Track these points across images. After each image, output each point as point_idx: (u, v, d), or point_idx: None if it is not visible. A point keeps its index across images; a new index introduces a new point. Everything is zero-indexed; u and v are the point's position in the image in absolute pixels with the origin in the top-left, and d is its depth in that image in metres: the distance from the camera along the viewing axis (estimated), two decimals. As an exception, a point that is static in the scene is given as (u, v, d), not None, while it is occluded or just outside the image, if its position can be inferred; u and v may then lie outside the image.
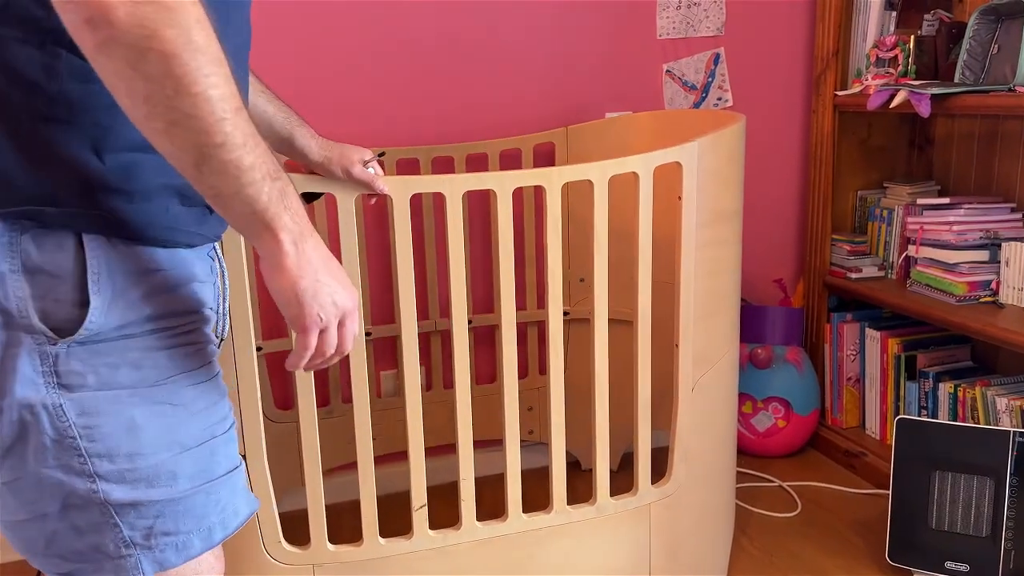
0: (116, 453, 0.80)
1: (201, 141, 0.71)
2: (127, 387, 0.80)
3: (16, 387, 0.77)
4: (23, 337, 0.77)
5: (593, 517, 1.58)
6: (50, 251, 0.77)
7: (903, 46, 2.11)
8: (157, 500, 0.82)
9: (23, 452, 0.79)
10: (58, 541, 0.82)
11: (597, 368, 1.53)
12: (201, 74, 0.68)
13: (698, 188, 1.52)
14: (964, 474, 1.69)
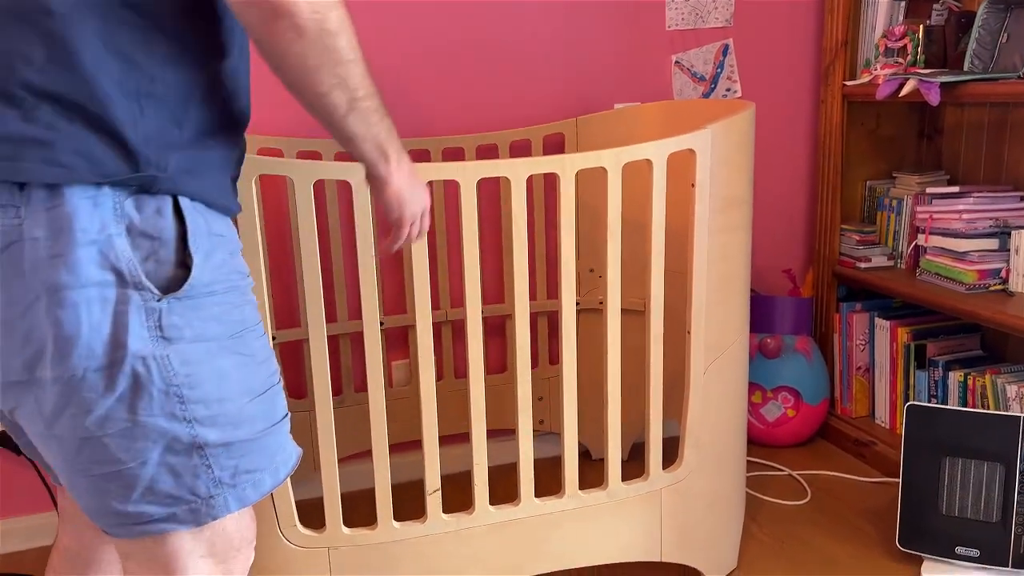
0: (209, 399, 0.89)
1: (352, 96, 0.91)
2: (214, 339, 0.90)
3: (130, 341, 0.84)
4: (132, 294, 0.84)
5: (605, 502, 1.59)
6: (151, 216, 0.85)
7: (912, 36, 2.12)
8: (241, 440, 0.92)
9: (134, 401, 0.86)
10: (155, 487, 0.89)
11: (610, 352, 1.55)
12: (352, 45, 0.88)
13: (710, 175, 1.53)
14: (974, 460, 1.70)
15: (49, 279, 0.81)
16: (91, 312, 0.82)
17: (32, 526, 1.98)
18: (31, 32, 0.80)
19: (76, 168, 0.81)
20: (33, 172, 0.80)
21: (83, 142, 0.81)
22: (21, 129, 0.80)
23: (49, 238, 0.81)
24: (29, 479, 1.97)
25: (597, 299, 2.16)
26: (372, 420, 1.43)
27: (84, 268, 0.82)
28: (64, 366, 0.83)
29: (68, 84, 0.81)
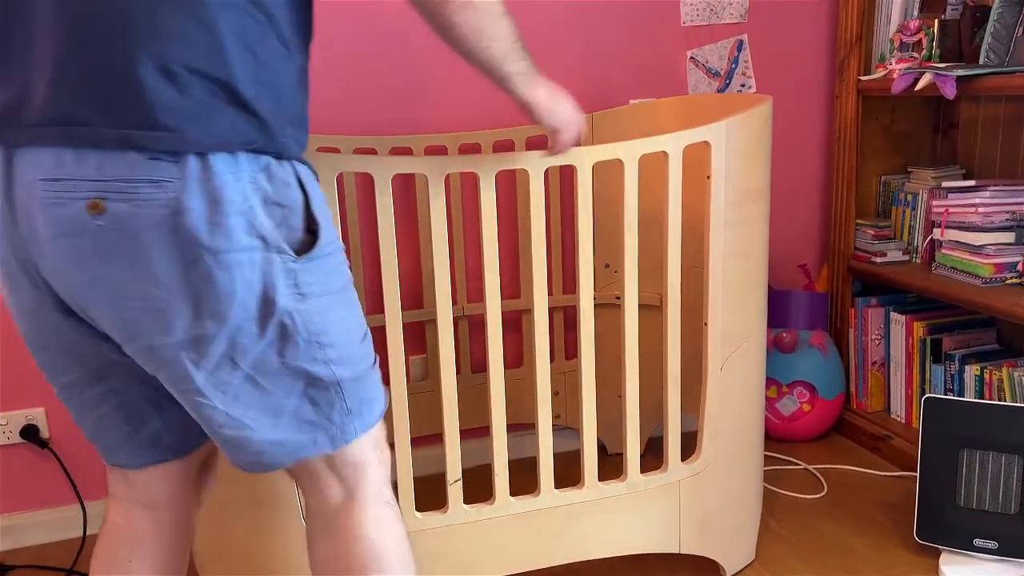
0: (337, 343, 1.03)
1: (509, 46, 1.11)
2: (334, 292, 1.02)
3: (279, 298, 0.96)
4: (274, 257, 0.95)
5: (624, 493, 1.60)
6: (281, 188, 0.96)
7: (927, 30, 2.12)
8: (361, 375, 1.07)
9: (282, 348, 0.98)
10: (299, 413, 1.02)
11: (627, 346, 1.56)
12: (501, 4, 1.08)
13: (727, 167, 1.54)
14: (992, 452, 1.70)
15: (209, 245, 0.90)
16: (246, 274, 0.93)
17: (57, 519, 2.01)
18: (186, 17, 0.89)
19: (227, 137, 0.91)
20: (194, 142, 0.89)
21: (229, 116, 0.91)
22: (181, 103, 0.89)
23: (205, 208, 0.90)
24: (54, 472, 1.99)
25: (613, 294, 2.17)
26: (395, 414, 1.45)
27: (236, 235, 0.92)
28: (224, 320, 0.93)
29: (214, 65, 0.90)
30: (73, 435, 1.99)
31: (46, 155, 0.89)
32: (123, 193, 0.88)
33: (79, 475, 2.00)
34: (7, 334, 1.91)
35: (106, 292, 0.92)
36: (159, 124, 0.88)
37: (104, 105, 0.87)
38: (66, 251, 0.91)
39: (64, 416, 1.97)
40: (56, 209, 0.89)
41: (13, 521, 1.98)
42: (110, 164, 0.87)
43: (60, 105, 0.88)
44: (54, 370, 1.07)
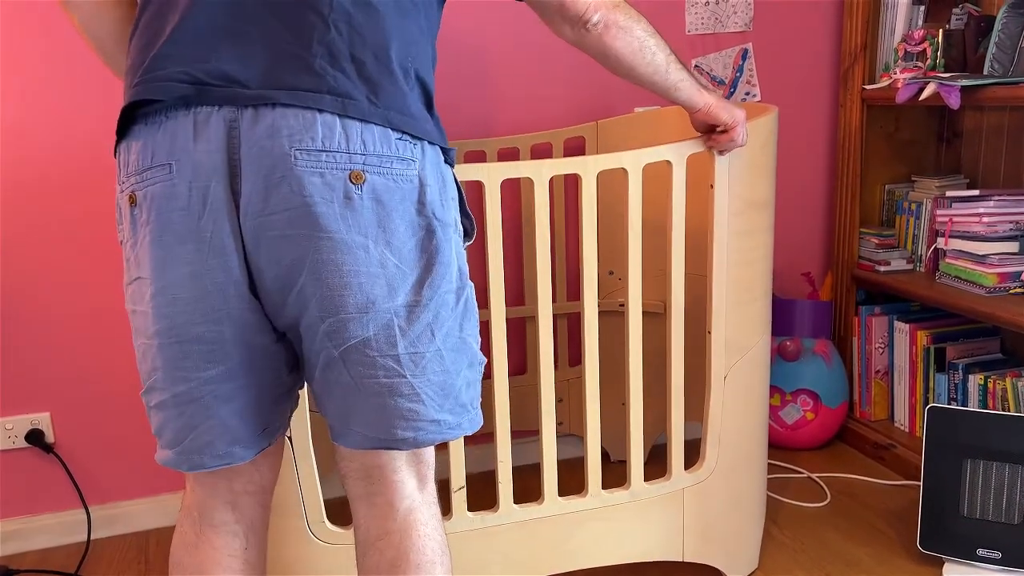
0: (475, 321, 1.11)
1: (666, 58, 1.28)
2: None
3: (464, 272, 1.08)
4: (457, 238, 1.07)
5: (627, 501, 1.61)
6: (449, 181, 1.07)
7: (931, 40, 2.13)
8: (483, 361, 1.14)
9: (463, 321, 1.07)
10: (460, 395, 1.08)
11: (631, 353, 1.56)
12: (647, 25, 1.25)
13: (731, 177, 1.54)
14: (996, 462, 1.70)
15: (442, 217, 1.02)
16: (453, 246, 1.05)
17: (62, 523, 2.01)
18: (415, 28, 1.02)
19: (435, 135, 1.03)
20: (429, 134, 1.02)
21: (431, 118, 1.04)
22: (416, 99, 1.02)
23: (437, 186, 1.02)
24: (58, 477, 2.00)
25: (617, 301, 2.17)
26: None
27: (453, 210, 1.06)
28: (439, 288, 1.02)
29: (426, 74, 1.04)
30: (78, 440, 2.00)
31: (304, 119, 0.94)
32: (380, 167, 0.97)
33: (84, 480, 2.01)
34: (13, 339, 1.92)
35: (350, 258, 0.96)
36: (408, 111, 0.99)
37: (370, 88, 0.97)
38: (322, 218, 0.94)
39: (69, 421, 1.98)
40: (318, 178, 0.94)
41: (18, 525, 1.99)
42: (370, 140, 0.96)
43: (338, 82, 0.96)
44: (197, 364, 1.01)
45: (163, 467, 2.05)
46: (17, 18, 1.81)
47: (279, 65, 0.95)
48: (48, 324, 1.94)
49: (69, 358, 1.96)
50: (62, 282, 1.93)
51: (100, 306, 1.96)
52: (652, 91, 1.32)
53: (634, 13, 1.22)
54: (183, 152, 0.94)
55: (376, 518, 1.11)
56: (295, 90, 0.94)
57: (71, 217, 1.91)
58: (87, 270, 1.94)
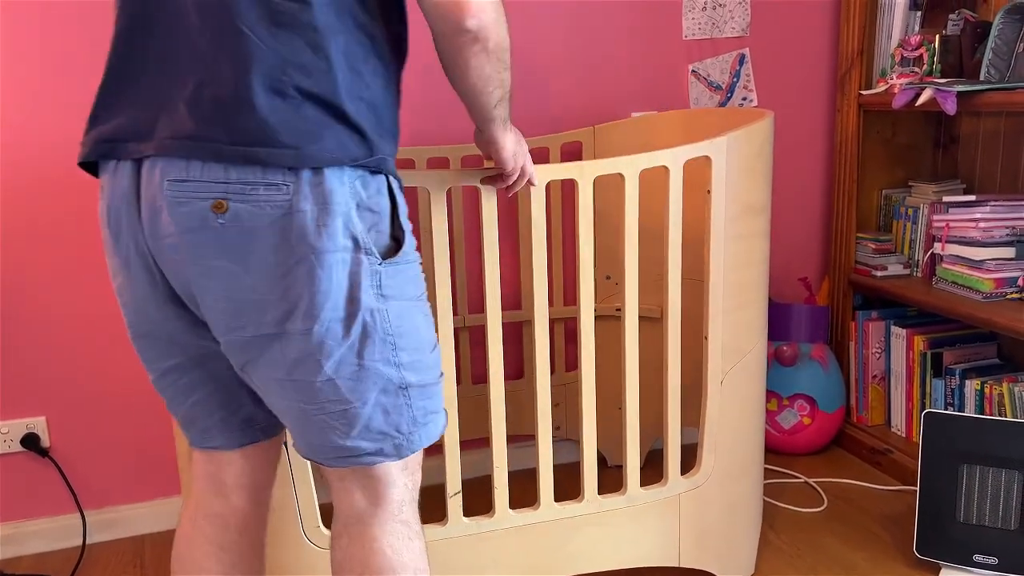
0: (410, 347, 1.07)
1: (505, 92, 1.15)
2: (411, 298, 1.07)
3: (363, 297, 1.01)
4: (363, 259, 1.01)
5: (624, 507, 1.60)
6: (374, 195, 1.02)
7: (928, 45, 2.13)
8: (429, 383, 1.11)
9: (361, 348, 1.03)
10: (370, 424, 1.06)
11: (628, 358, 1.56)
12: (508, 54, 1.11)
13: (728, 182, 1.54)
14: (992, 467, 1.70)
15: (314, 244, 0.97)
16: (338, 272, 0.99)
17: (57, 528, 2.01)
18: (301, 44, 0.97)
19: (336, 153, 0.98)
20: (308, 158, 0.97)
21: (337, 132, 0.99)
22: (296, 123, 0.97)
23: (315, 211, 0.97)
24: (54, 481, 2.00)
25: (613, 306, 2.17)
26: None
27: (337, 236, 0.98)
28: (315, 318, 0.99)
29: (324, 86, 0.98)
30: (73, 444, 1.99)
31: (176, 163, 0.97)
32: (244, 195, 0.96)
33: (79, 484, 2.01)
34: (8, 343, 1.92)
35: (219, 283, 0.99)
36: (278, 142, 0.96)
37: (230, 127, 0.96)
38: (188, 245, 0.98)
39: (65, 425, 1.98)
40: (182, 207, 0.97)
41: (13, 529, 1.99)
42: (234, 170, 0.96)
43: (194, 125, 0.97)
44: (156, 356, 1.13)
45: (158, 471, 2.05)
46: (15, 21, 1.81)
47: (162, 114, 1.00)
48: (44, 327, 1.93)
49: (65, 362, 1.96)
50: (57, 286, 1.93)
51: (95, 310, 1.96)
52: (470, 110, 1.19)
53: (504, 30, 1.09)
54: (106, 183, 1.06)
55: (334, 519, 1.17)
56: (172, 138, 0.99)
57: (65, 220, 1.91)
58: (82, 274, 1.94)
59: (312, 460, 1.11)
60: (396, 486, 1.12)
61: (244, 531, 1.22)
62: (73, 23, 1.83)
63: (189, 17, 0.99)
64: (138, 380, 2.01)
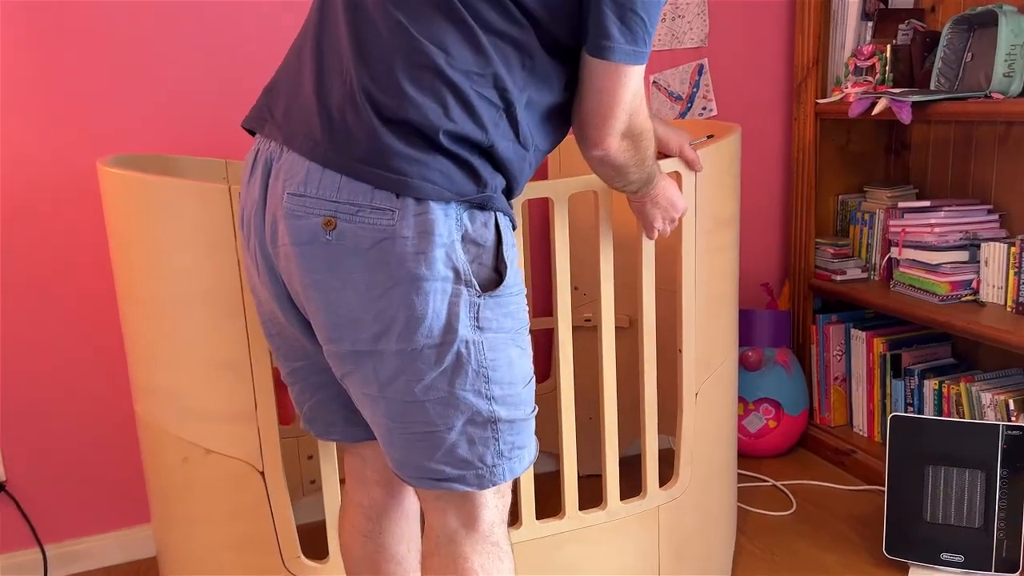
0: (503, 381, 1.07)
1: (640, 182, 1.29)
2: (508, 331, 1.08)
3: (460, 327, 1.03)
4: (463, 290, 1.02)
5: (604, 522, 1.61)
6: (480, 228, 1.05)
7: (880, 55, 2.18)
8: (520, 419, 1.10)
9: (453, 376, 1.04)
10: (454, 450, 1.07)
11: (605, 372, 1.56)
12: (645, 155, 1.22)
13: (699, 196, 1.56)
14: (956, 468, 1.75)
15: (412, 271, 0.99)
16: (436, 300, 1.01)
17: (15, 564, 1.93)
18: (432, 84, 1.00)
19: (446, 188, 1.01)
20: (414, 188, 0.99)
21: (446, 166, 1.01)
22: (404, 150, 1.00)
23: (416, 239, 0.99)
24: (11, 516, 1.92)
25: (583, 317, 2.18)
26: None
27: (437, 265, 1.00)
28: (408, 341, 1.01)
29: (449, 123, 1.01)
30: (31, 476, 1.92)
31: (298, 169, 1.02)
32: (351, 215, 1.00)
33: (38, 518, 1.93)
34: (-40, 374, 1.84)
35: (321, 296, 1.03)
36: (391, 167, 0.99)
37: (349, 140, 1.00)
38: (299, 257, 1.03)
39: (21, 457, 1.91)
40: (298, 221, 1.02)
41: (-32, 568, 1.91)
42: (346, 189, 0.99)
43: (322, 130, 1.02)
44: (285, 356, 1.20)
45: (122, 500, 2.00)
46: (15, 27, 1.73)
47: (296, 108, 1.07)
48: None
49: (18, 391, 1.89)
50: (9, 316, 1.85)
51: (49, 337, 1.89)
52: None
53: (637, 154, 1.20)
54: (244, 185, 1.14)
55: (424, 535, 1.18)
56: (298, 136, 1.04)
57: (15, 249, 1.84)
58: (34, 302, 1.87)
59: (399, 477, 1.12)
60: (488, 507, 1.13)
61: (382, 520, 1.29)
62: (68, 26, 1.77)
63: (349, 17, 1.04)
64: (96, 407, 1.95)
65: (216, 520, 1.43)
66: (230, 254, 1.32)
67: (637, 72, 1.10)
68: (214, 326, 1.35)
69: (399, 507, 1.30)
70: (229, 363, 1.36)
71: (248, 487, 1.41)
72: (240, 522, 1.43)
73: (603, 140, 1.13)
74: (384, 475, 1.28)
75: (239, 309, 1.34)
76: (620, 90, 1.10)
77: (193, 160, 1.83)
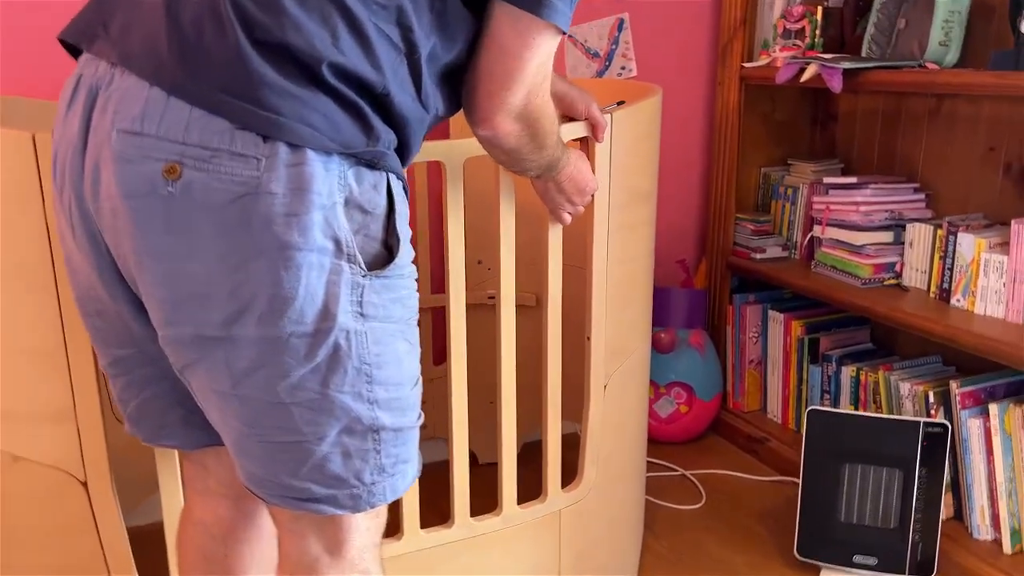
0: (390, 382, 0.88)
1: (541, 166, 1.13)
2: (398, 321, 0.89)
3: (339, 313, 0.83)
4: (344, 266, 0.83)
5: (499, 529, 1.44)
6: (368, 190, 0.84)
7: (810, 17, 2.04)
8: (406, 427, 0.92)
9: (327, 375, 0.84)
10: (324, 465, 0.87)
11: (503, 362, 1.38)
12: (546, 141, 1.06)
13: (612, 167, 1.38)
14: (874, 466, 1.65)
15: (281, 237, 0.79)
16: (310, 277, 0.81)
17: None
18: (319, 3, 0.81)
19: (325, 133, 0.81)
20: (288, 131, 0.79)
21: (329, 108, 0.81)
22: (278, 81, 0.79)
23: (287, 196, 0.79)
24: None
25: (486, 293, 1.99)
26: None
27: (313, 232, 0.80)
28: (272, 326, 0.81)
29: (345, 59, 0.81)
30: None
31: (134, 98, 0.80)
32: (203, 162, 0.79)
33: None
34: None
35: (159, 265, 0.82)
36: (260, 101, 0.78)
37: (208, 64, 0.79)
38: (130, 213, 0.81)
39: None
40: (129, 166, 0.80)
41: None
42: (197, 126, 0.78)
43: (170, 48, 0.80)
44: (107, 340, 0.96)
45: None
46: None
47: (136, 22, 0.84)
48: None
49: None
50: None
51: None
52: None
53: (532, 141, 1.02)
54: (61, 114, 0.89)
55: (280, 559, 0.99)
56: (137, 56, 0.81)
57: None
58: None
59: (253, 492, 0.92)
60: (359, 531, 0.95)
61: (229, 542, 1.09)
62: None
63: None
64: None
65: (32, 540, 1.19)
66: (36, 216, 1.07)
67: (550, 37, 0.91)
68: (18, 305, 1.10)
69: (251, 526, 1.10)
70: (39, 351, 1.11)
71: (68, 500, 1.17)
72: (61, 541, 1.19)
73: (492, 117, 0.94)
74: (232, 487, 1.08)
75: (50, 284, 1.09)
76: (526, 53, 0.90)
77: (27, 102, 1.55)
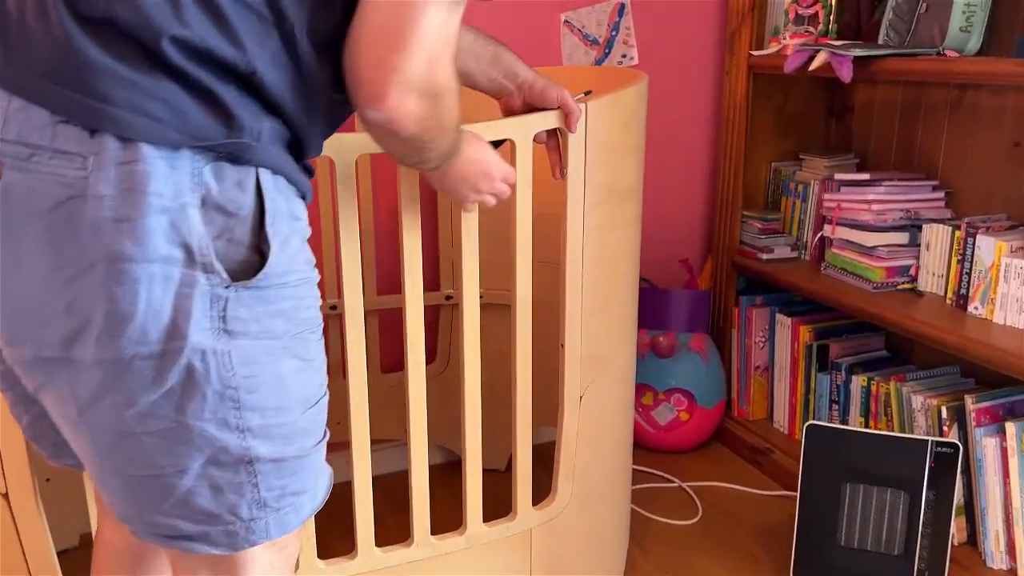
0: (266, 407, 0.79)
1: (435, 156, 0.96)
2: (279, 337, 0.79)
3: (191, 331, 0.73)
4: (199, 277, 0.74)
5: (463, 548, 1.34)
6: (230, 188, 0.74)
7: (824, 2, 1.90)
8: (293, 457, 0.82)
9: (183, 401, 0.75)
10: (190, 500, 0.78)
11: (467, 372, 1.28)
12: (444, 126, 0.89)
13: (588, 161, 1.27)
14: (877, 487, 1.53)
15: (110, 246, 0.71)
16: (151, 291, 0.72)
17: None
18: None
19: (167, 123, 0.71)
20: (118, 122, 0.69)
21: (173, 94, 0.72)
22: (109, 64, 0.70)
23: (117, 198, 0.71)
24: None
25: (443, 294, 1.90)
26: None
27: (152, 239, 0.71)
28: (110, 348, 0.73)
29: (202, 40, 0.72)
30: None
31: None
32: (22, 161, 0.71)
33: None
34: None
35: None
36: (86, 88, 0.69)
37: (28, 46, 0.71)
38: None
39: None
40: None
41: None
42: (15, 120, 0.71)
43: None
44: None
45: None
46: None
47: None
48: None
49: None
50: None
51: None
52: None
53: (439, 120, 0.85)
54: None
55: None
56: None
57: None
58: None
59: (128, 527, 0.84)
60: (256, 567, 0.86)
61: (137, 569, 1.02)
62: None
63: None
64: None
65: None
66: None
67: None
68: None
69: (159, 553, 1.02)
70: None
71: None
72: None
73: (384, 93, 0.76)
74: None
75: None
76: (420, 13, 0.76)
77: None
